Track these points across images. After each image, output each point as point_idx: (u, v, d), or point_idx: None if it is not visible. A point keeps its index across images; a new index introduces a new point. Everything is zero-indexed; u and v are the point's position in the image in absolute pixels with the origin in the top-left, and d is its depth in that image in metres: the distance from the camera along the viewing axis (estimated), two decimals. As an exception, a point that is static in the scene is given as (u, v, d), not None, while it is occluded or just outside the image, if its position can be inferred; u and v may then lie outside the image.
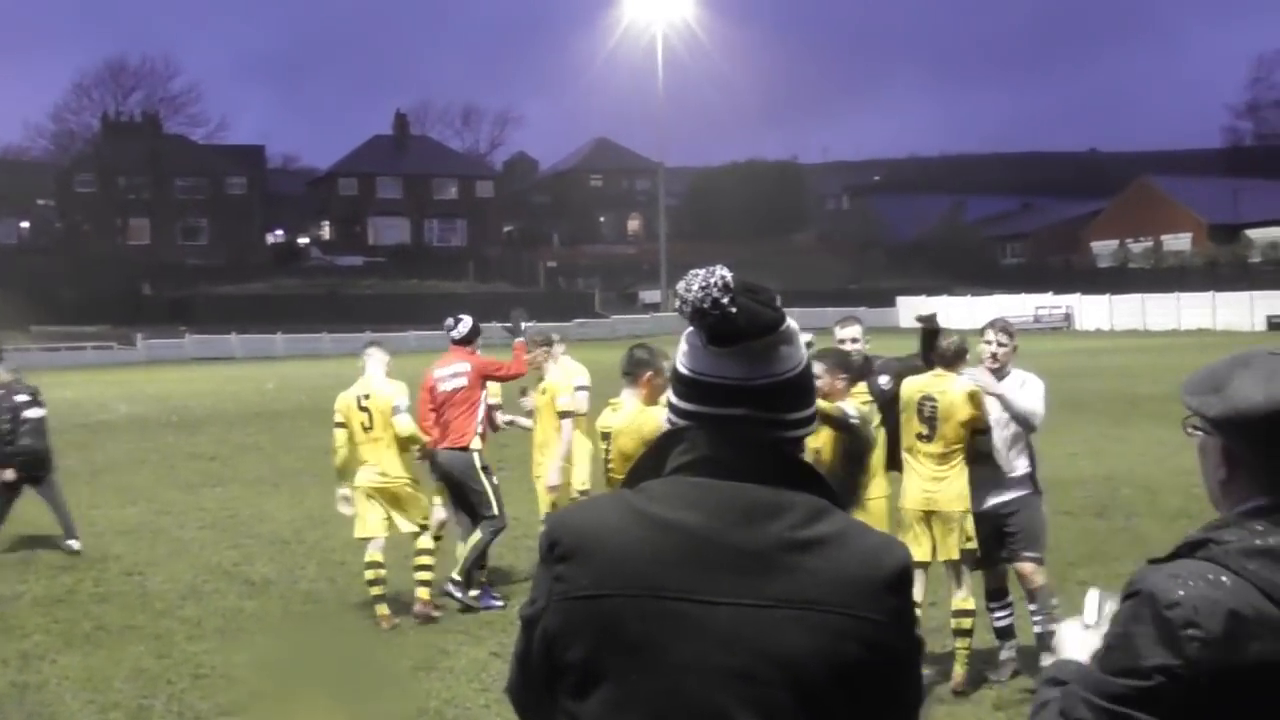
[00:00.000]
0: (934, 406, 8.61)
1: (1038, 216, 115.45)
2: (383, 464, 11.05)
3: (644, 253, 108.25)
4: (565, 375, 11.78)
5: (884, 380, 9.03)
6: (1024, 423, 8.59)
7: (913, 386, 8.75)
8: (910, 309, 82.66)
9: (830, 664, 2.08)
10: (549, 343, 11.89)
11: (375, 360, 11.22)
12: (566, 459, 11.42)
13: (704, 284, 2.21)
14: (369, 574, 10.98)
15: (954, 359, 8.72)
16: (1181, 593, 2.20)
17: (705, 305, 2.20)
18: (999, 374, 8.69)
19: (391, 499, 11.15)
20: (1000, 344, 8.72)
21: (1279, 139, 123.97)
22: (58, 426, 15.58)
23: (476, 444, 11.40)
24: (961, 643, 8.72)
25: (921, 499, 8.67)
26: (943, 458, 8.61)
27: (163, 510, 17.32)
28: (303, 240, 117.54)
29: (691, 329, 2.28)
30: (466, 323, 11.70)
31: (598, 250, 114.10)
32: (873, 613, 2.11)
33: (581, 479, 11.65)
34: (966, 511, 8.61)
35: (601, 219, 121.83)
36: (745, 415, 2.23)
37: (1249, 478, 2.33)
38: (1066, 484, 16.25)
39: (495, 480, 11.54)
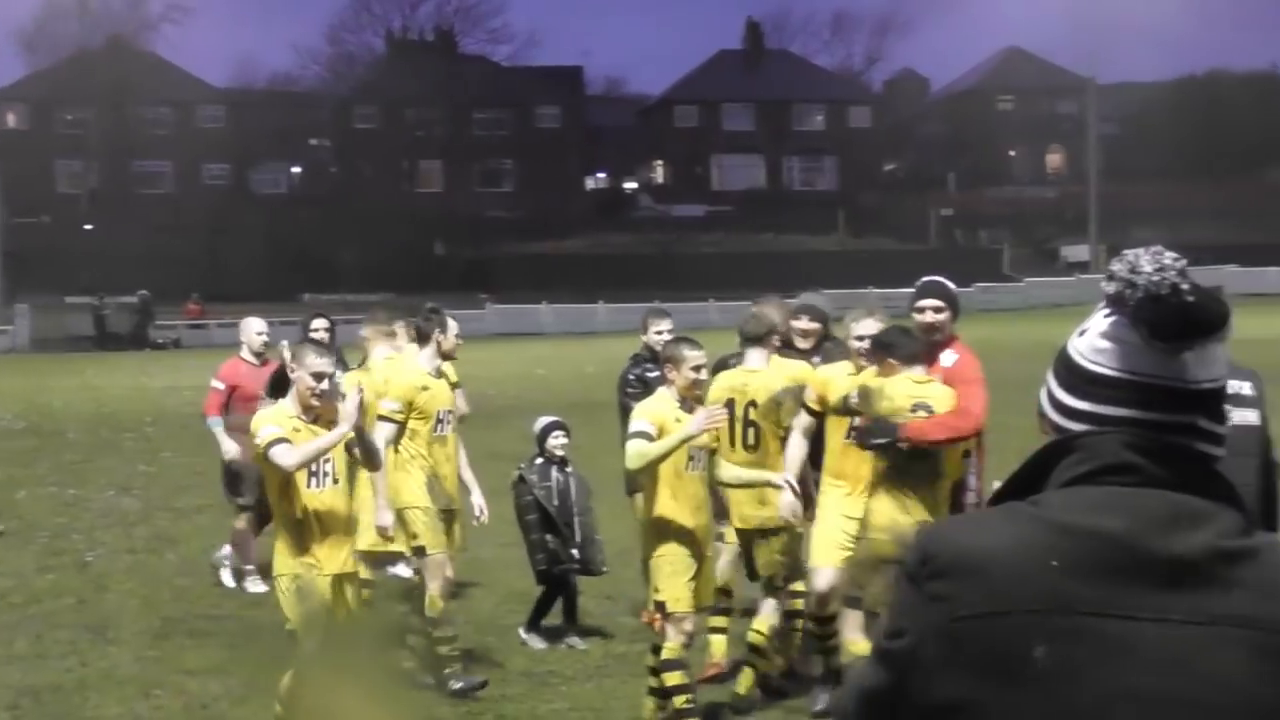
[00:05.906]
0: None
1: None
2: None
3: (1067, 196, 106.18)
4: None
5: None
6: None
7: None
8: None
9: None
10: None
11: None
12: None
13: (1157, 264, 2.31)
14: None
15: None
16: None
17: (1164, 291, 2.30)
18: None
19: None
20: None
21: None
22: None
23: None
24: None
25: None
26: None
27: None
28: (630, 185, 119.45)
29: (1113, 321, 2.37)
30: None
31: (1006, 194, 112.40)
32: None
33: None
34: None
35: (1012, 153, 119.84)
36: (1192, 424, 2.34)
37: None
38: None
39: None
